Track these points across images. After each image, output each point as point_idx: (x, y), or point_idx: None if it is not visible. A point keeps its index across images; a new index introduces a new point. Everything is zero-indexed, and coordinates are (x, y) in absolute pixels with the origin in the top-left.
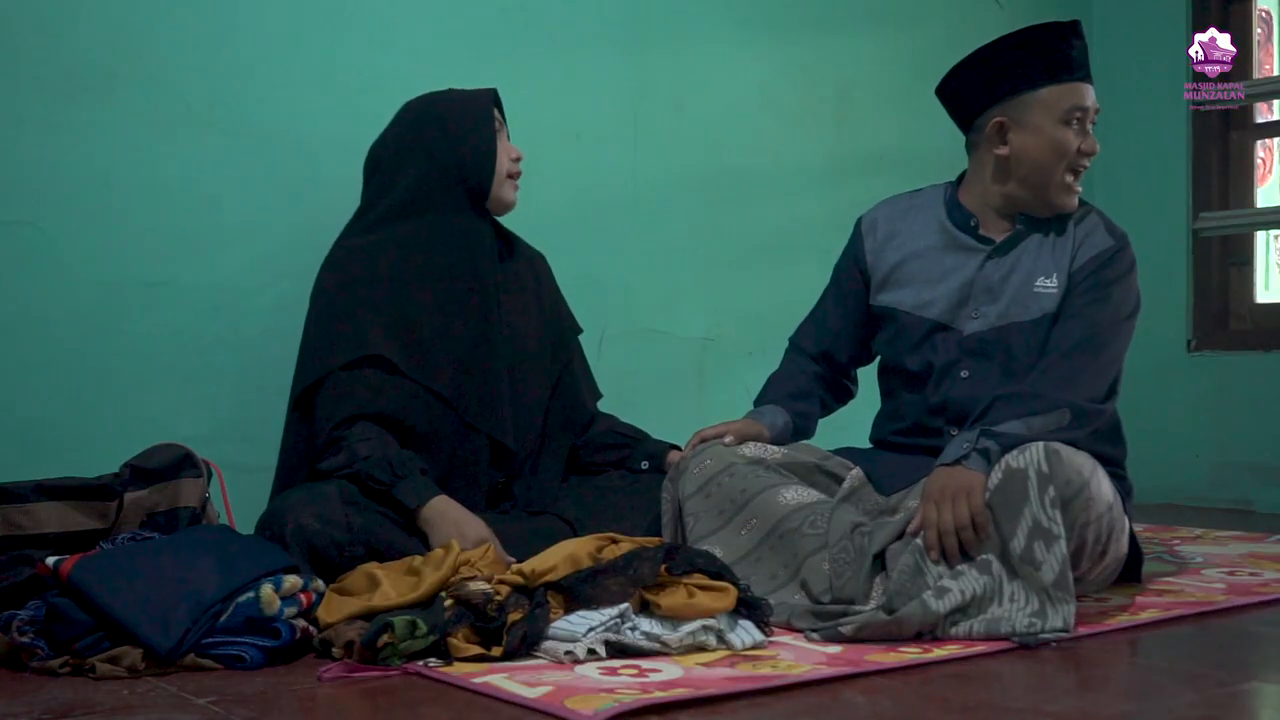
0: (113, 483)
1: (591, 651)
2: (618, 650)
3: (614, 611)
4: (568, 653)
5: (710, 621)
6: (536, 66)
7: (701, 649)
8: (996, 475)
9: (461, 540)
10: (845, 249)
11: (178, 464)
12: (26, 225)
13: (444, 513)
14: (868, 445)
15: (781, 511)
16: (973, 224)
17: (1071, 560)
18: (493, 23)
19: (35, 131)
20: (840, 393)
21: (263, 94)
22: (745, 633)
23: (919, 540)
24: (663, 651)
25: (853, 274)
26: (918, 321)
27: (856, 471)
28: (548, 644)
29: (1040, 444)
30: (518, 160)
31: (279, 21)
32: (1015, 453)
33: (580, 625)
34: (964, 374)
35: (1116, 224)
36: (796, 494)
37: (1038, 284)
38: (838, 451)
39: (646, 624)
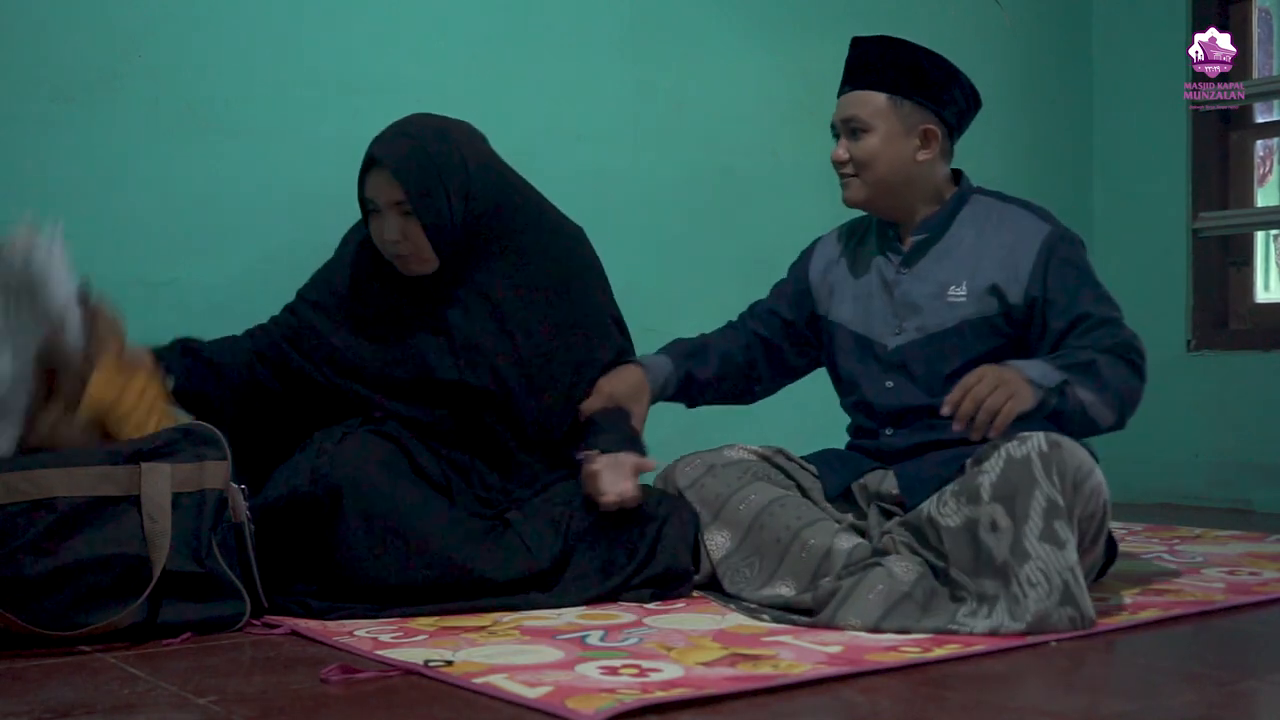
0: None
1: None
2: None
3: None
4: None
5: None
6: (537, 66)
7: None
8: (998, 466)
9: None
10: None
11: (201, 443)
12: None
13: None
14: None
15: (750, 513)
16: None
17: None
18: (493, 23)
19: (35, 131)
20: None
21: (263, 94)
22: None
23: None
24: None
25: None
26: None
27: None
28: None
29: (1040, 434)
30: (393, 243)
31: (279, 21)
32: (1015, 443)
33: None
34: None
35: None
36: (759, 493)
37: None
38: (808, 456)
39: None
